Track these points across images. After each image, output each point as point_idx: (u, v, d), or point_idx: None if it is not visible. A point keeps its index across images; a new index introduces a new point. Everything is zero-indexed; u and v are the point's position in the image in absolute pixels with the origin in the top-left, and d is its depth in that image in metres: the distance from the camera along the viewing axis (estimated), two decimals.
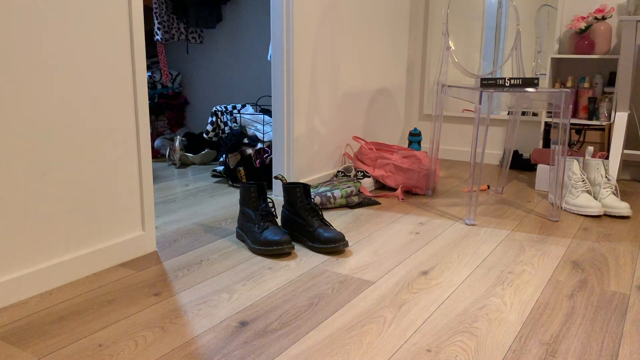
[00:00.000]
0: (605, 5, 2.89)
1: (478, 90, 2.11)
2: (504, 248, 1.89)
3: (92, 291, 1.51)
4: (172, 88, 3.78)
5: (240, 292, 1.52)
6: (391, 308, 1.42)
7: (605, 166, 2.38)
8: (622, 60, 2.63)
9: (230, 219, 2.20)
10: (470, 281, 1.60)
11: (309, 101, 2.57)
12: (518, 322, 1.35)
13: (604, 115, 2.92)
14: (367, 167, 2.75)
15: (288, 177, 2.53)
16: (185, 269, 1.68)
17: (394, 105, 3.46)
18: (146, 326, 1.32)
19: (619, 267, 1.73)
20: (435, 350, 1.22)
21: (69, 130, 1.51)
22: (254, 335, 1.27)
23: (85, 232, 1.60)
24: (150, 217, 1.79)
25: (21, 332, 1.28)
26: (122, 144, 1.67)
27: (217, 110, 3.09)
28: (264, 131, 2.72)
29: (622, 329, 1.33)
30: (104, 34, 1.57)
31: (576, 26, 2.93)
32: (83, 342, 1.24)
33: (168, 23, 3.38)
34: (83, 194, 1.58)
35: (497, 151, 3.48)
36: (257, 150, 2.71)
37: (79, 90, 1.52)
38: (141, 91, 1.70)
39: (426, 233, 2.04)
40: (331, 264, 1.73)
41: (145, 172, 1.75)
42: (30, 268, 1.47)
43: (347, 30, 2.82)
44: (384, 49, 3.23)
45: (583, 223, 2.19)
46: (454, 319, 1.37)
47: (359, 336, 1.28)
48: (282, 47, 2.41)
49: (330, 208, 2.37)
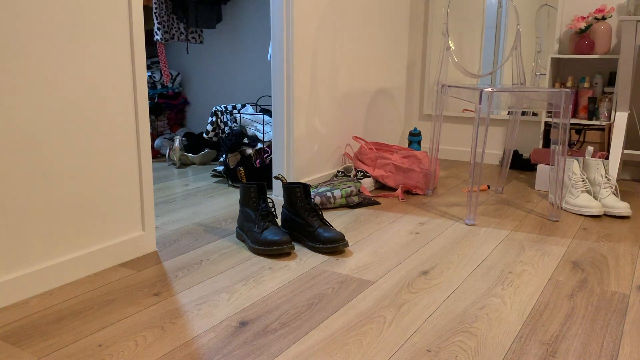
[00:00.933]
0: (605, 5, 2.89)
1: (478, 90, 2.11)
2: (504, 248, 1.89)
3: (92, 291, 1.51)
4: (172, 88, 3.78)
5: (240, 292, 1.52)
6: (391, 308, 1.42)
7: (605, 166, 2.38)
8: (622, 60, 2.63)
9: (230, 219, 2.20)
10: (470, 281, 1.60)
11: (309, 101, 2.57)
12: (518, 322, 1.35)
13: (604, 115, 2.92)
14: (367, 167, 2.75)
15: (288, 177, 2.53)
16: (185, 269, 1.68)
17: (394, 105, 3.46)
18: (146, 326, 1.32)
19: (619, 267, 1.73)
20: (435, 350, 1.22)
21: (69, 130, 1.51)
22: (254, 335, 1.27)
23: (85, 232, 1.60)
24: (150, 217, 1.79)
25: (21, 332, 1.28)
26: (122, 144, 1.67)
27: (217, 110, 3.09)
28: (264, 131, 2.72)
29: (622, 329, 1.33)
30: (103, 34, 1.57)
31: (576, 26, 2.93)
32: (83, 342, 1.24)
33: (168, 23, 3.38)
34: (83, 194, 1.58)
35: (497, 151, 3.48)
36: (257, 150, 2.71)
37: (79, 90, 1.52)
38: (141, 91, 1.70)
39: (426, 233, 2.04)
40: (331, 264, 1.73)
41: (145, 172, 1.75)
42: (30, 268, 1.47)
43: (347, 30, 2.82)
44: (384, 49, 3.23)
45: (583, 223, 2.19)
46: (454, 319, 1.37)
47: (359, 336, 1.28)
48: (282, 47, 2.41)
49: (330, 208, 2.37)
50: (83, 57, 1.52)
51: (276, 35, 2.41)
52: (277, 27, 2.40)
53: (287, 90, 2.45)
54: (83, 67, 1.52)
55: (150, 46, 3.81)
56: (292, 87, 2.44)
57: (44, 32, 1.42)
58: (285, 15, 2.39)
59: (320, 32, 2.59)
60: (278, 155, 2.53)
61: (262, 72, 3.61)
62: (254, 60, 3.63)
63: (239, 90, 3.74)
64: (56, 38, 1.45)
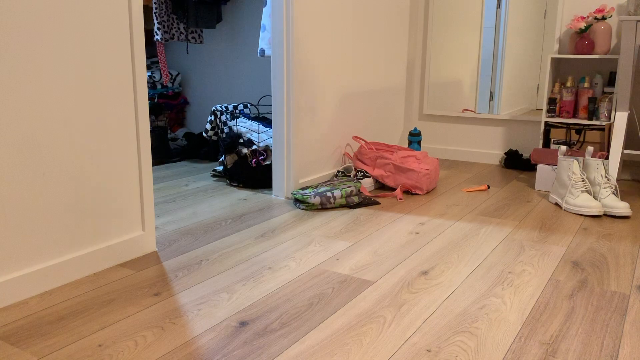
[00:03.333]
0: (605, 5, 2.89)
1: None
2: (504, 248, 1.89)
3: (92, 291, 1.51)
4: (172, 88, 3.78)
5: (240, 292, 1.52)
6: (391, 308, 1.42)
7: (605, 166, 2.38)
8: (622, 60, 2.63)
9: (230, 219, 2.20)
10: (470, 281, 1.60)
11: (308, 101, 2.57)
12: (518, 322, 1.35)
13: (604, 115, 2.92)
14: (367, 166, 2.75)
15: (288, 176, 2.53)
16: (185, 269, 1.68)
17: (394, 105, 3.46)
18: (146, 326, 1.32)
19: (619, 267, 1.73)
20: (435, 350, 1.22)
21: (69, 130, 1.51)
22: (254, 335, 1.27)
23: (85, 232, 1.60)
24: (150, 217, 1.79)
25: (21, 332, 1.28)
26: (122, 144, 1.67)
27: (216, 109, 3.09)
28: (259, 139, 2.75)
29: (622, 329, 1.33)
30: (103, 34, 1.57)
31: (576, 26, 2.93)
32: (83, 342, 1.24)
33: (168, 23, 3.38)
34: (83, 194, 1.58)
35: (497, 151, 3.48)
36: (252, 151, 2.71)
37: (79, 90, 1.52)
38: (141, 91, 1.70)
39: (426, 233, 2.04)
40: (331, 264, 1.73)
41: (145, 172, 1.75)
42: (30, 268, 1.47)
43: (347, 30, 2.82)
44: (384, 49, 3.23)
45: (583, 223, 2.19)
46: (454, 319, 1.37)
47: (359, 336, 1.28)
48: (282, 47, 2.41)
49: (330, 208, 2.37)
50: (83, 57, 1.52)
51: (276, 35, 2.41)
52: (277, 27, 2.40)
53: (287, 90, 2.45)
54: (83, 67, 1.52)
55: (150, 46, 3.81)
56: (292, 87, 2.44)
57: (43, 32, 1.42)
58: (285, 16, 2.39)
59: (320, 32, 2.59)
60: (278, 155, 2.53)
61: (262, 72, 3.61)
62: (254, 61, 3.63)
63: (239, 90, 3.74)
64: (56, 38, 1.45)
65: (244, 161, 2.71)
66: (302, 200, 2.34)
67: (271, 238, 1.97)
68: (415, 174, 2.60)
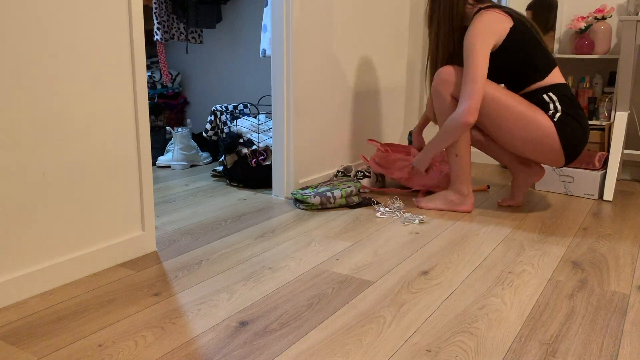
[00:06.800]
0: (605, 5, 2.89)
1: None
2: (504, 248, 1.89)
3: (92, 291, 1.51)
4: (172, 88, 3.78)
5: (240, 292, 1.52)
6: (391, 308, 1.42)
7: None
8: (622, 60, 2.63)
9: (230, 219, 2.20)
10: (470, 281, 1.60)
11: (308, 101, 2.57)
12: (518, 322, 1.35)
13: (604, 115, 2.92)
14: (385, 169, 2.66)
15: (288, 176, 2.53)
16: (185, 269, 1.68)
17: (394, 105, 3.46)
18: (146, 326, 1.32)
19: (619, 267, 1.73)
20: (435, 350, 1.22)
21: (69, 130, 1.51)
22: (254, 335, 1.27)
23: (85, 232, 1.60)
24: (150, 217, 1.79)
25: (21, 332, 1.28)
26: (122, 144, 1.67)
27: (216, 109, 3.09)
28: (259, 139, 2.74)
29: (622, 329, 1.33)
30: (103, 34, 1.57)
31: (576, 26, 2.93)
32: (83, 342, 1.24)
33: (168, 23, 3.38)
34: (83, 193, 1.58)
35: None
36: (252, 151, 2.71)
37: (79, 90, 1.52)
38: (141, 91, 1.70)
39: (426, 233, 2.05)
40: (331, 264, 1.73)
41: (145, 172, 1.75)
42: (30, 268, 1.47)
43: (347, 30, 2.82)
44: (384, 49, 3.23)
45: (583, 223, 2.19)
46: (454, 319, 1.37)
47: (359, 336, 1.28)
48: (282, 47, 2.41)
49: (330, 208, 2.37)
50: (83, 56, 1.52)
51: (276, 35, 2.41)
52: (277, 27, 2.40)
53: (287, 91, 2.45)
54: (83, 66, 1.52)
55: (150, 46, 3.80)
56: (292, 87, 2.44)
57: (43, 32, 1.42)
58: (285, 16, 2.39)
59: (320, 32, 2.59)
60: (278, 155, 2.53)
61: (262, 72, 3.61)
62: (254, 61, 3.63)
63: (239, 90, 3.74)
64: (55, 38, 1.45)
65: (244, 161, 2.71)
66: (302, 200, 2.34)
67: (271, 238, 1.97)
68: (437, 174, 2.55)
